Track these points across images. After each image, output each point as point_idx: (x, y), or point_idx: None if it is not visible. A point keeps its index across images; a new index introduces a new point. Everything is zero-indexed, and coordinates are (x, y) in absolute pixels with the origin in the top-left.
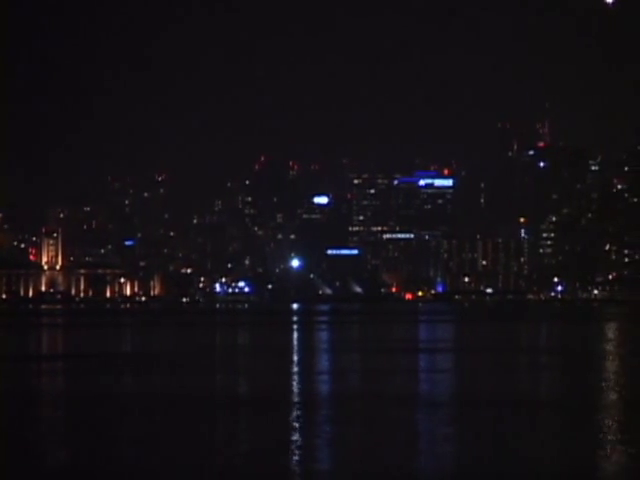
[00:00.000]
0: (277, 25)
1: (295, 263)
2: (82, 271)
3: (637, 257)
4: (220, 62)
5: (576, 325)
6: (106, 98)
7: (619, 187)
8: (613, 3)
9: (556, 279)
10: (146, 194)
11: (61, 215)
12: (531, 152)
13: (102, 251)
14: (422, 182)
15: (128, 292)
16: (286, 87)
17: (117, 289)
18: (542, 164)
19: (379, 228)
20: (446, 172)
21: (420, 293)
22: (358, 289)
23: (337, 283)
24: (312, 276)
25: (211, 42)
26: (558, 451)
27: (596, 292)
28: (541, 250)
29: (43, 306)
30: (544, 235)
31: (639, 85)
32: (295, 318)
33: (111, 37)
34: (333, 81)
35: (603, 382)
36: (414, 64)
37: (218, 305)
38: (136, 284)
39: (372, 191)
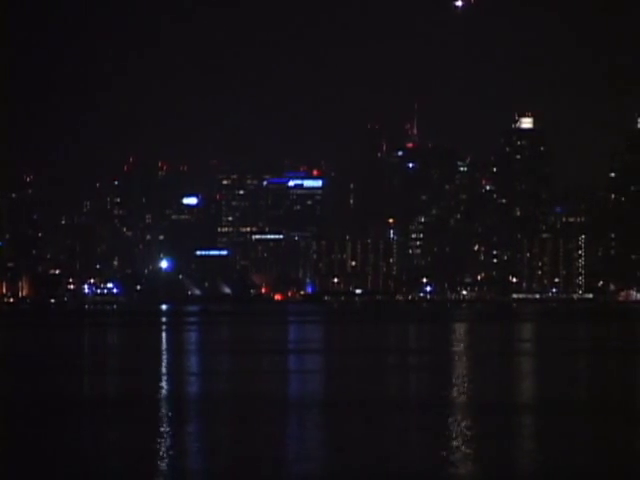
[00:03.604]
0: (147, 25)
1: (164, 264)
2: None
3: (505, 258)
4: (89, 63)
5: (443, 325)
6: None
7: (487, 188)
8: (463, 6)
9: (425, 280)
10: (14, 195)
11: None
12: (400, 153)
13: None
14: (291, 183)
15: None
16: (155, 88)
17: None
18: (411, 165)
19: (248, 229)
20: (315, 173)
21: (289, 294)
22: (227, 290)
23: (206, 284)
24: (181, 277)
25: (80, 43)
26: (428, 450)
27: (465, 293)
28: (410, 251)
29: None
30: (413, 236)
31: (505, 86)
32: (164, 319)
33: None
34: (202, 81)
35: (460, 383)
36: (283, 65)
37: (87, 306)
38: (4, 285)
39: (241, 192)
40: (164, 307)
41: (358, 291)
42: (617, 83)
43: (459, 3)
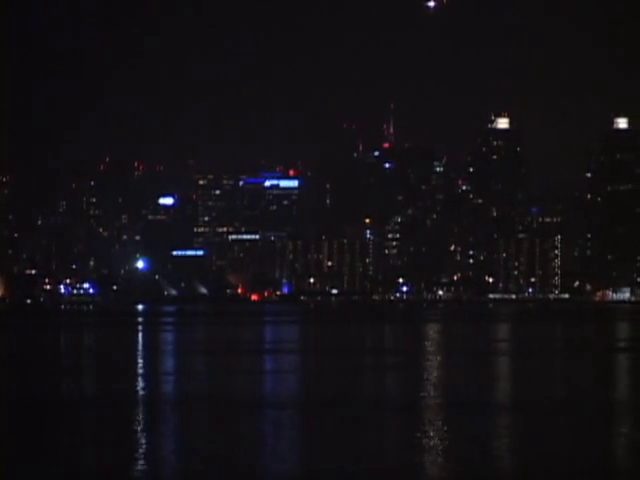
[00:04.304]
0: (124, 26)
1: (140, 264)
2: None
3: (482, 258)
4: (64, 63)
5: (419, 326)
6: None
7: (464, 188)
8: (435, 7)
9: (401, 280)
10: None
11: None
12: (376, 153)
13: None
14: (268, 183)
15: None
16: (131, 87)
17: None
18: (387, 165)
19: (224, 229)
20: (292, 173)
21: (266, 294)
22: (204, 290)
23: (182, 284)
24: (157, 277)
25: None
26: (404, 450)
27: (441, 293)
28: (386, 251)
29: None
30: (389, 236)
31: (481, 86)
32: (140, 319)
33: None
34: (178, 81)
35: (435, 383)
36: (259, 66)
37: (63, 306)
38: None
39: (217, 192)
40: (140, 307)
41: (334, 291)
42: (594, 83)
43: (431, 4)
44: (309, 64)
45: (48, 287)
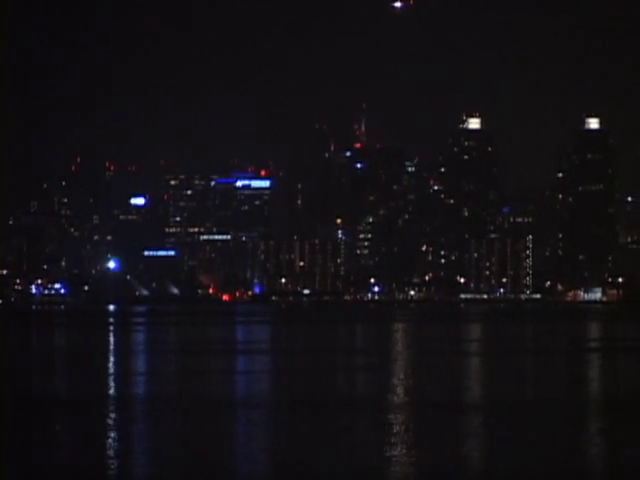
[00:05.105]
0: (91, 26)
1: (112, 264)
2: None
3: (453, 258)
4: (34, 62)
5: (391, 326)
6: None
7: (435, 188)
8: (402, 7)
9: (373, 280)
10: None
11: None
12: (348, 153)
13: None
14: (239, 183)
15: None
16: (102, 88)
17: None
18: (359, 165)
19: (196, 229)
20: (263, 173)
21: (237, 294)
22: (175, 290)
23: (154, 284)
24: (129, 277)
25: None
26: (375, 449)
27: (413, 293)
28: (358, 251)
29: None
30: (361, 236)
31: (453, 86)
32: (112, 319)
33: None
34: (150, 81)
35: (406, 382)
36: (231, 65)
37: (34, 306)
38: None
39: (189, 192)
40: (112, 307)
41: (306, 291)
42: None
43: (398, 4)
44: (280, 64)
45: (19, 287)
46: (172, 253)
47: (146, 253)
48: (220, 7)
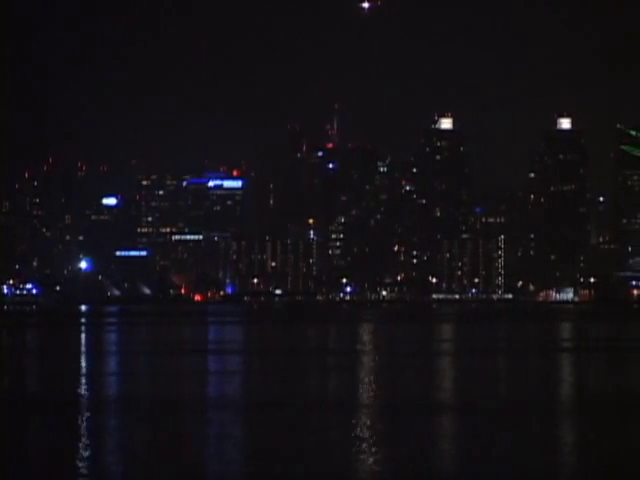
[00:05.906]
0: (65, 25)
1: (83, 264)
2: None
3: (425, 258)
4: (8, 62)
5: (363, 326)
6: None
7: (407, 188)
8: (369, 8)
9: (345, 280)
10: None
11: None
12: (320, 153)
13: None
14: (211, 183)
15: None
16: (74, 87)
17: None
18: (331, 165)
19: (168, 229)
20: (235, 173)
21: (209, 294)
22: (147, 290)
23: (126, 284)
24: (100, 277)
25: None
26: (346, 450)
27: (385, 293)
28: (330, 251)
29: None
30: (333, 236)
31: (425, 86)
32: (83, 320)
33: None
34: (122, 80)
35: (378, 383)
36: (204, 65)
37: (5, 307)
38: None
39: (161, 192)
40: (83, 308)
41: (278, 291)
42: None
43: (366, 5)
44: (252, 64)
45: None
46: (144, 253)
47: (118, 253)
48: (190, 9)
